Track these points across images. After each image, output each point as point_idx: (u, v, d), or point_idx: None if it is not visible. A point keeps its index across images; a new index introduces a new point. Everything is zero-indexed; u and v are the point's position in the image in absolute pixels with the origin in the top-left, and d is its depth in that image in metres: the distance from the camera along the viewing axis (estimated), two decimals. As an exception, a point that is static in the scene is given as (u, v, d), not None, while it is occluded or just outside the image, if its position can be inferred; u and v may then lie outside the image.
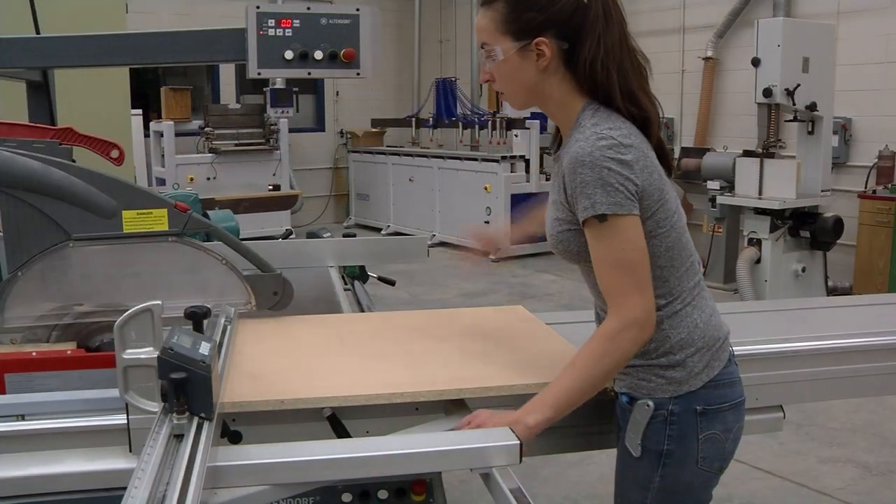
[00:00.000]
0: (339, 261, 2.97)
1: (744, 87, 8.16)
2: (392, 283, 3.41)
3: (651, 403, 1.77)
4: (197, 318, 1.86)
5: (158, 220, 2.25)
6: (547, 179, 9.76)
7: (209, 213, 4.84)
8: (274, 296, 2.33)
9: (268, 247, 2.79)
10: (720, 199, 7.45)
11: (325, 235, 3.06)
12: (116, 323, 1.64)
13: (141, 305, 1.65)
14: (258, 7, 2.41)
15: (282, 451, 1.59)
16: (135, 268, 2.28)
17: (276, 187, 10.70)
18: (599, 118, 1.71)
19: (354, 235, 3.16)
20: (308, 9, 2.42)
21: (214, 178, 10.24)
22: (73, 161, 2.29)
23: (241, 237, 2.62)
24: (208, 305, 1.91)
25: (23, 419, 1.85)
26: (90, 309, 2.28)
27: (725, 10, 8.74)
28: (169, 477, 1.35)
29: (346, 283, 3.02)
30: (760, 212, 6.87)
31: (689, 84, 9.28)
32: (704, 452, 1.80)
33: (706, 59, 8.92)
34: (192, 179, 9.89)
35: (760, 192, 6.94)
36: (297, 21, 2.40)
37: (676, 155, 8.77)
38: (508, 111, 9.50)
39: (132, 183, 2.42)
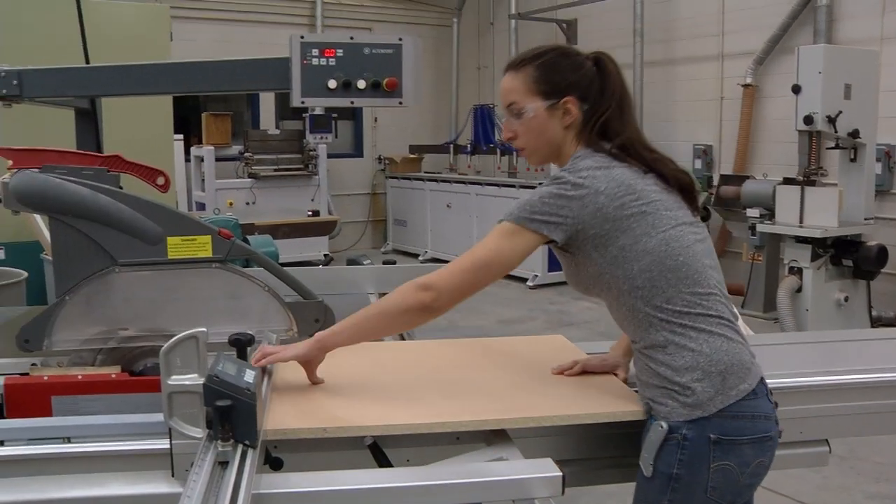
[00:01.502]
0: (379, 288, 2.99)
1: (784, 114, 8.09)
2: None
3: (665, 425, 1.80)
4: (241, 346, 1.87)
5: (202, 246, 2.29)
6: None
7: (249, 238, 4.90)
8: (315, 323, 2.35)
9: (308, 273, 2.81)
10: (760, 227, 7.36)
11: (364, 262, 3.09)
12: (162, 349, 1.66)
13: (186, 332, 1.67)
14: (302, 37, 2.45)
15: (324, 479, 1.60)
16: (178, 293, 2.32)
17: (315, 213, 10.76)
18: (575, 163, 1.89)
19: (394, 262, 3.18)
20: (351, 38, 2.45)
21: (253, 203, 10.34)
22: (121, 187, 2.34)
23: (279, 262, 2.64)
24: (251, 332, 1.93)
25: (69, 441, 1.88)
26: (134, 333, 2.31)
27: (765, 36, 8.69)
28: (214, 503, 1.37)
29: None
30: (801, 240, 6.78)
31: (728, 111, 9.22)
32: (715, 483, 1.80)
33: (745, 85, 8.86)
34: (231, 204, 9.99)
35: (801, 221, 6.85)
36: (341, 51, 2.44)
37: (715, 182, 8.69)
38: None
39: (177, 209, 2.46)
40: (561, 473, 1.60)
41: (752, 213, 7.61)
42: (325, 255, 10.44)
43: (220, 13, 11.18)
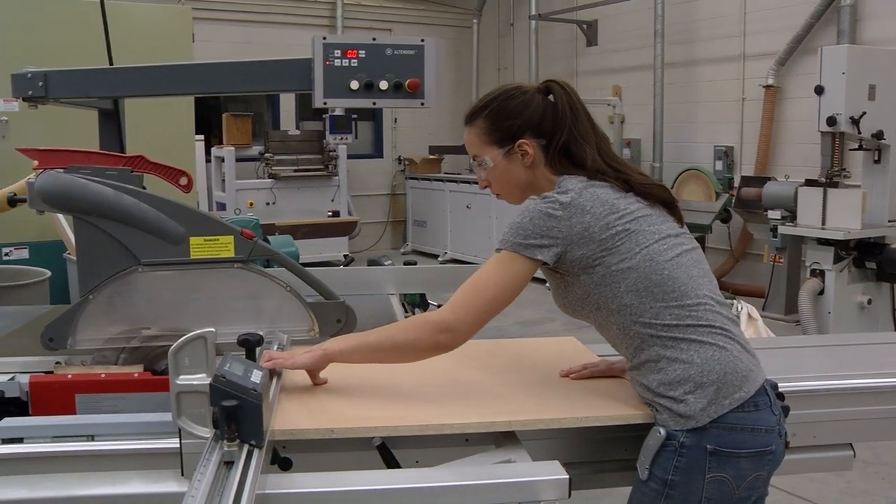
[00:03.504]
0: (400, 288, 2.98)
1: (806, 116, 8.03)
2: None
3: (663, 431, 1.81)
4: (249, 346, 1.88)
5: (225, 246, 2.29)
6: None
7: (269, 238, 4.91)
8: (337, 323, 2.35)
9: (329, 274, 2.81)
10: (781, 229, 7.31)
11: (385, 263, 3.09)
12: (171, 349, 1.68)
13: (194, 332, 1.69)
14: (325, 38, 2.46)
15: (330, 480, 1.61)
16: (201, 293, 2.33)
17: (336, 213, 10.78)
18: (561, 183, 1.92)
19: (415, 263, 3.18)
20: (374, 39, 2.46)
21: (274, 204, 10.37)
22: (144, 188, 2.35)
23: (300, 263, 2.65)
24: (261, 333, 1.95)
25: (92, 439, 1.90)
26: (157, 333, 2.32)
27: (787, 37, 8.63)
28: (219, 503, 1.37)
29: (406, 311, 3.03)
30: (824, 242, 6.72)
31: (750, 112, 9.16)
32: (710, 493, 1.79)
33: (767, 86, 8.81)
34: (251, 204, 10.02)
35: (824, 223, 6.79)
36: (363, 52, 2.44)
37: (736, 184, 8.64)
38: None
39: (200, 210, 2.47)
40: (567, 476, 1.60)
41: (774, 214, 7.56)
42: (344, 256, 10.46)
43: (241, 14, 11.23)
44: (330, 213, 10.75)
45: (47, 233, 5.56)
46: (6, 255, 5.90)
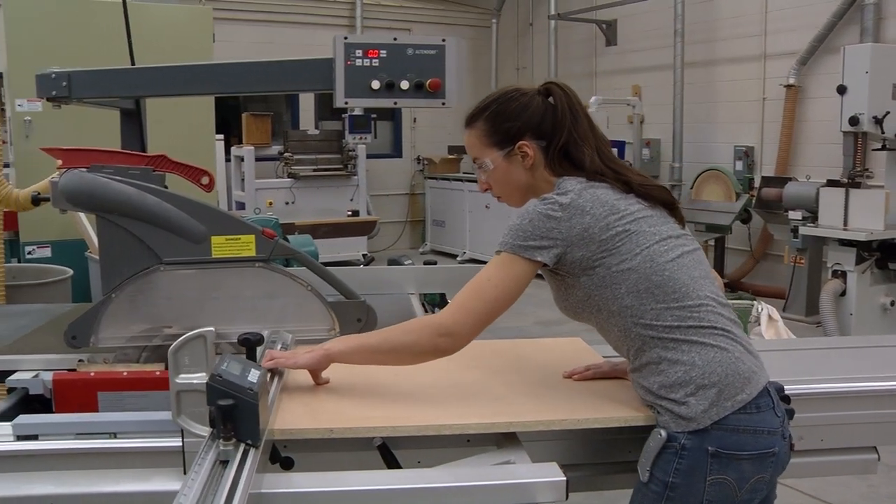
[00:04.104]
0: (420, 288, 2.99)
1: (828, 116, 7.97)
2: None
3: (664, 433, 1.80)
4: (250, 345, 1.89)
5: (246, 245, 2.30)
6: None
7: (289, 237, 4.93)
8: (358, 322, 2.36)
9: (349, 273, 2.82)
10: (802, 230, 7.26)
11: (406, 263, 3.09)
12: (171, 348, 1.70)
13: (194, 332, 1.71)
14: (346, 38, 2.46)
15: (326, 479, 1.61)
16: (222, 292, 2.34)
17: (355, 213, 10.81)
18: (561, 184, 1.91)
19: (435, 263, 3.18)
20: (395, 39, 2.46)
21: (293, 203, 10.40)
22: (166, 187, 2.37)
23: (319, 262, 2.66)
24: (262, 333, 1.98)
25: (115, 436, 1.91)
26: (178, 331, 2.33)
27: (809, 36, 8.56)
28: (211, 502, 1.37)
29: (426, 310, 3.03)
30: (846, 243, 6.67)
31: (771, 112, 9.10)
32: (711, 496, 1.78)
33: (788, 86, 8.74)
34: (271, 204, 10.06)
35: (846, 223, 6.74)
36: (384, 52, 2.44)
37: (756, 184, 8.59)
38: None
39: (221, 209, 2.49)
40: (565, 478, 1.60)
41: (795, 215, 7.51)
42: (363, 256, 10.48)
43: (261, 14, 11.27)
44: (349, 213, 10.77)
45: (69, 232, 5.61)
46: (29, 253, 5.96)
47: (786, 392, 1.98)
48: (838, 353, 2.70)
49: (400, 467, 1.81)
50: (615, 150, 9.40)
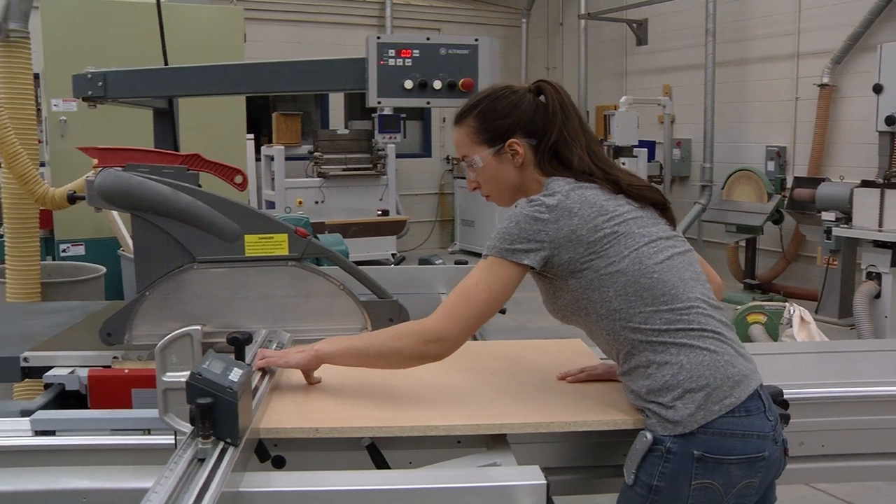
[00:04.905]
0: (451, 288, 2.98)
1: (863, 115, 7.87)
2: (502, 311, 3.40)
3: (649, 436, 1.78)
4: (238, 345, 1.90)
5: (279, 244, 2.31)
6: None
7: (319, 236, 4.95)
8: (390, 322, 2.36)
9: (380, 272, 2.83)
10: (836, 231, 7.18)
11: (437, 262, 3.09)
12: (157, 347, 1.73)
13: (181, 330, 1.73)
14: (379, 37, 2.46)
15: (304, 480, 1.62)
16: (255, 291, 2.35)
17: (385, 212, 10.83)
18: (549, 185, 1.89)
19: (466, 263, 3.17)
20: (427, 39, 2.46)
21: (322, 202, 10.45)
22: (200, 186, 2.38)
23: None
24: (251, 331, 2.00)
25: (149, 433, 1.93)
26: (211, 330, 2.35)
27: (844, 34, 8.45)
28: (181, 499, 1.37)
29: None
30: (881, 245, 6.59)
31: (803, 112, 8.99)
32: (695, 500, 1.75)
33: (822, 85, 8.64)
34: (300, 203, 10.11)
35: (881, 224, 6.66)
36: (417, 51, 2.45)
37: (789, 185, 8.50)
38: (616, 139, 9.41)
39: (254, 208, 2.50)
40: (545, 481, 1.58)
41: (828, 216, 7.43)
42: (392, 255, 10.50)
43: (291, 14, 11.34)
44: (379, 212, 10.80)
45: (103, 230, 5.67)
46: (63, 251, 6.03)
47: (784, 396, 1.97)
48: (872, 356, 2.67)
49: (388, 467, 1.81)
50: (645, 150, 9.40)
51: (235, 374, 1.60)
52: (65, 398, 2.24)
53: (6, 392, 3.61)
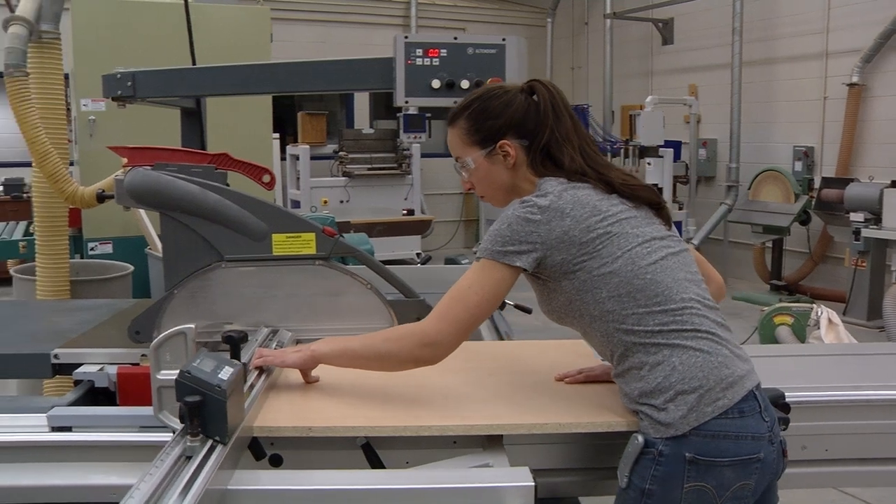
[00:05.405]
0: (477, 287, 2.97)
1: (893, 115, 7.79)
2: (528, 311, 3.38)
3: (641, 438, 1.76)
4: (233, 343, 1.91)
5: (307, 243, 2.32)
6: (680, 208, 9.55)
7: (345, 235, 4.96)
8: (416, 321, 2.35)
9: (406, 272, 2.83)
10: (865, 232, 7.12)
11: (463, 262, 3.08)
12: (152, 345, 1.73)
13: (175, 329, 1.74)
14: (406, 37, 2.47)
15: (292, 478, 1.62)
16: (283, 289, 2.36)
17: (410, 212, 10.84)
18: (541, 186, 1.88)
19: (491, 262, 3.16)
20: (455, 38, 2.46)
21: (347, 202, 10.47)
22: (228, 185, 2.40)
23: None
24: (245, 330, 2.00)
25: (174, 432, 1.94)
26: (239, 328, 2.36)
27: (874, 32, 8.34)
28: (165, 496, 1.38)
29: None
30: (910, 246, 6.53)
31: (832, 112, 8.90)
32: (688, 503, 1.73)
33: (851, 85, 8.55)
34: (325, 202, 10.14)
35: (911, 225, 6.59)
36: (445, 51, 2.45)
37: (817, 185, 8.42)
38: (641, 139, 9.36)
39: (282, 207, 2.51)
40: (533, 483, 1.57)
41: (857, 217, 7.37)
42: (417, 255, 10.51)
43: (317, 14, 11.38)
44: (405, 212, 10.80)
45: (130, 229, 5.73)
46: (92, 249, 6.09)
47: (786, 399, 1.96)
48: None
49: (383, 467, 1.81)
50: (671, 150, 9.35)
51: (225, 373, 1.61)
52: (94, 395, 2.25)
53: (36, 388, 3.65)
